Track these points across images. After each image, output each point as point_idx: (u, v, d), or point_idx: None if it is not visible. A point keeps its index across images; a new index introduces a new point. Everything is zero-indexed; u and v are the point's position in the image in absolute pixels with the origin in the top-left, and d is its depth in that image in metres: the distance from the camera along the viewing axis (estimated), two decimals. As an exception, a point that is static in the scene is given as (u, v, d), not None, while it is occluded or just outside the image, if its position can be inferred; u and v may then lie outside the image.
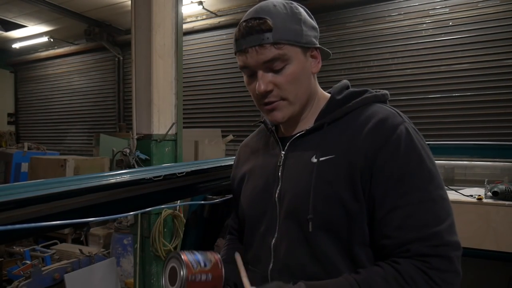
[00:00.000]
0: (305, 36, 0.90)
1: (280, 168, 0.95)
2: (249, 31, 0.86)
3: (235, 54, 0.92)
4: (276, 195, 0.94)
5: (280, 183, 0.94)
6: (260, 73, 0.88)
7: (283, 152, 0.96)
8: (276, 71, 0.88)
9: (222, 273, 0.85)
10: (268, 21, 0.85)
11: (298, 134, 0.95)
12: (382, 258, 0.82)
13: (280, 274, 0.90)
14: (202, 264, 0.83)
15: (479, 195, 1.73)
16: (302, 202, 0.87)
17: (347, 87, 0.99)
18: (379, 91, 0.96)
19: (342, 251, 0.85)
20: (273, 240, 0.93)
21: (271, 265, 0.92)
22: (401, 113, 0.90)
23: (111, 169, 4.90)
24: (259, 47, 0.85)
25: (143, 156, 2.91)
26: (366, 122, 0.87)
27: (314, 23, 0.95)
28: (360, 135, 0.86)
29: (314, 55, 0.94)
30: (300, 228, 0.88)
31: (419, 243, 0.77)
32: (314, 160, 0.89)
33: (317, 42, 0.94)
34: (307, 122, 0.96)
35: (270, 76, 0.88)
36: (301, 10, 0.92)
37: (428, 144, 0.92)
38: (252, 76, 0.91)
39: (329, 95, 0.99)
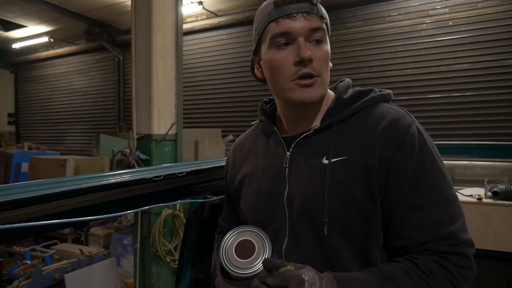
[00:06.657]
0: None
1: (287, 170, 0.92)
2: None
3: (268, 23, 0.88)
4: (285, 198, 0.90)
5: (287, 186, 0.91)
6: (301, 40, 0.85)
7: (288, 153, 0.92)
8: (315, 44, 0.87)
9: None
10: None
11: (305, 134, 0.91)
12: (398, 257, 0.82)
13: None
14: None
15: (479, 195, 1.72)
16: (316, 205, 0.84)
17: (350, 86, 0.98)
18: (384, 91, 0.95)
19: (357, 254, 0.84)
20: (284, 245, 0.90)
21: None
22: (408, 112, 0.89)
23: (111, 169, 4.90)
24: (307, 14, 0.85)
25: (143, 156, 2.91)
26: (378, 122, 0.86)
27: None
28: (373, 136, 0.84)
29: None
30: (314, 232, 0.85)
31: (437, 242, 0.78)
32: (325, 161, 0.86)
33: None
34: (312, 121, 0.93)
35: (311, 47, 0.86)
36: None
37: None
38: (287, 46, 0.86)
39: (332, 94, 0.96)
